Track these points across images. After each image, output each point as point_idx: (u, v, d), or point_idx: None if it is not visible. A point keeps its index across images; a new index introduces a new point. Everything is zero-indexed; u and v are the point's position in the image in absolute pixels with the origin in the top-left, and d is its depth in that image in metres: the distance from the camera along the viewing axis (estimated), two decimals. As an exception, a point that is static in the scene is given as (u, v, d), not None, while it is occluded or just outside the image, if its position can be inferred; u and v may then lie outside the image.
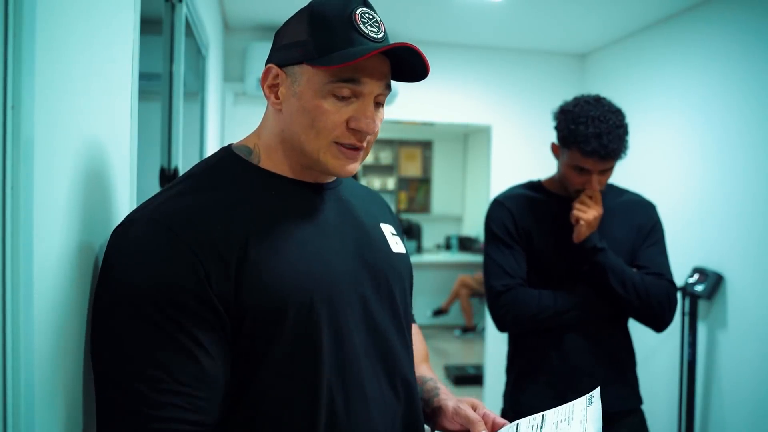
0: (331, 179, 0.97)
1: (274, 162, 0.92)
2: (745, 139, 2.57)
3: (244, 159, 0.92)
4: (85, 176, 0.85)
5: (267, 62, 0.91)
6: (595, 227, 1.60)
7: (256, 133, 0.95)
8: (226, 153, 0.94)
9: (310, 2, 0.88)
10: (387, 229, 1.04)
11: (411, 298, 1.10)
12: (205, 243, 0.80)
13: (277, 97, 0.89)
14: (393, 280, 0.97)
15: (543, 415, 0.99)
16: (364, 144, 0.89)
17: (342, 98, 0.85)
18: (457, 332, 6.53)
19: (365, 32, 0.85)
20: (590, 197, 1.61)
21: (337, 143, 0.87)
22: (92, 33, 0.88)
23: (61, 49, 0.74)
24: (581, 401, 0.98)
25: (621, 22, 3.25)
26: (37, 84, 0.64)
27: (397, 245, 1.03)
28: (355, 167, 0.90)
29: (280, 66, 0.88)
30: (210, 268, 0.79)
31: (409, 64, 0.89)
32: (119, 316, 0.77)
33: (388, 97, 0.94)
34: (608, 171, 1.61)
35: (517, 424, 0.98)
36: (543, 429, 0.94)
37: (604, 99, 1.62)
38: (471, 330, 6.38)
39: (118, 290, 0.78)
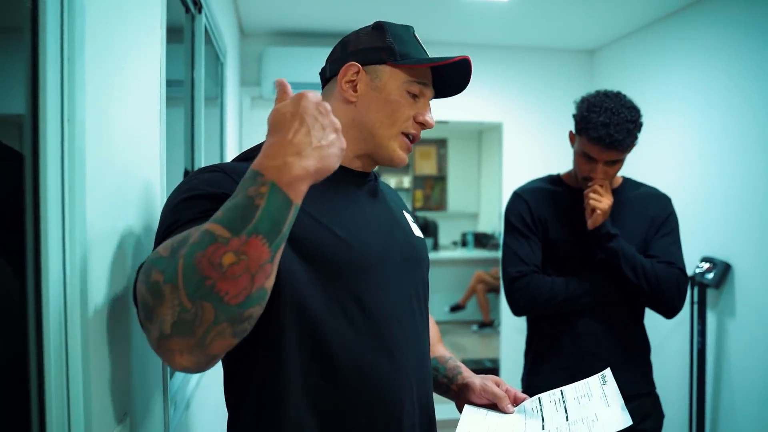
0: (371, 171, 1.10)
1: None
2: (751, 131, 2.61)
3: None
4: (125, 174, 0.96)
5: (344, 62, 1.03)
6: (608, 215, 1.66)
7: None
8: None
9: (379, 21, 1.05)
10: (408, 217, 1.16)
11: (428, 281, 1.19)
12: None
13: (354, 91, 1.02)
14: (418, 259, 1.09)
15: (561, 391, 1.07)
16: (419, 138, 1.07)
17: (412, 96, 1.02)
18: (475, 327, 6.59)
19: (424, 48, 1.05)
20: (601, 186, 1.66)
21: (403, 134, 1.03)
22: (128, 51, 0.99)
23: (104, 68, 0.85)
24: (594, 379, 1.06)
25: (628, 17, 3.30)
26: (87, 99, 0.74)
27: (417, 231, 1.15)
28: (406, 159, 1.06)
29: (362, 65, 1.02)
30: None
31: (447, 80, 1.08)
32: (167, 207, 0.88)
33: None
34: (616, 164, 1.66)
35: (539, 398, 1.07)
36: (566, 403, 1.02)
37: (624, 96, 1.67)
38: (488, 325, 6.44)
39: (171, 200, 0.88)
